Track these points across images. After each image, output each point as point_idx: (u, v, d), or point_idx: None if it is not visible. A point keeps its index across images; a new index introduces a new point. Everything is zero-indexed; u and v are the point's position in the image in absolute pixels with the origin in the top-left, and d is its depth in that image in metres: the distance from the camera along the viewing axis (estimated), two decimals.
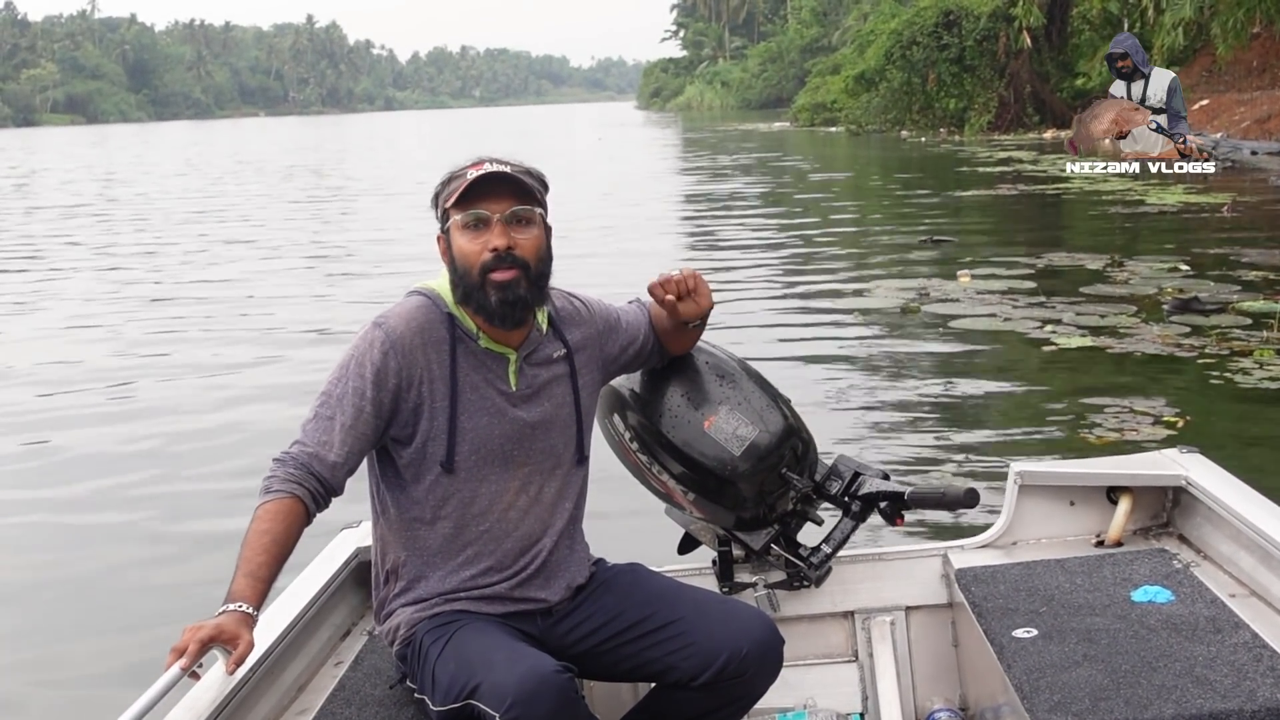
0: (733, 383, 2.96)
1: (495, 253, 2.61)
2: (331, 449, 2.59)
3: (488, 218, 2.62)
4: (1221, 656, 2.57)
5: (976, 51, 40.51)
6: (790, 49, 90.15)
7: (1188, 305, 10.73)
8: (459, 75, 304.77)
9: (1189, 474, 3.25)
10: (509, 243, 2.62)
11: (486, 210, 2.62)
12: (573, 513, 2.85)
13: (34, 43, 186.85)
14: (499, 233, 2.62)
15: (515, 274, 2.62)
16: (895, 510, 3.00)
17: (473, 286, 2.63)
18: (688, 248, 18.06)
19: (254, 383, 10.26)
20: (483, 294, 2.62)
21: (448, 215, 2.67)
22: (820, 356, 10.08)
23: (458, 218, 2.64)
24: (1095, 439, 7.11)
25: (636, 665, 2.75)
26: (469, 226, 2.63)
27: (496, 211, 2.63)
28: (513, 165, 2.68)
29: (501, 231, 2.62)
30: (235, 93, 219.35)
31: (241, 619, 2.42)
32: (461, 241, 2.64)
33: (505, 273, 2.61)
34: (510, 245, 2.62)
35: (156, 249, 20.54)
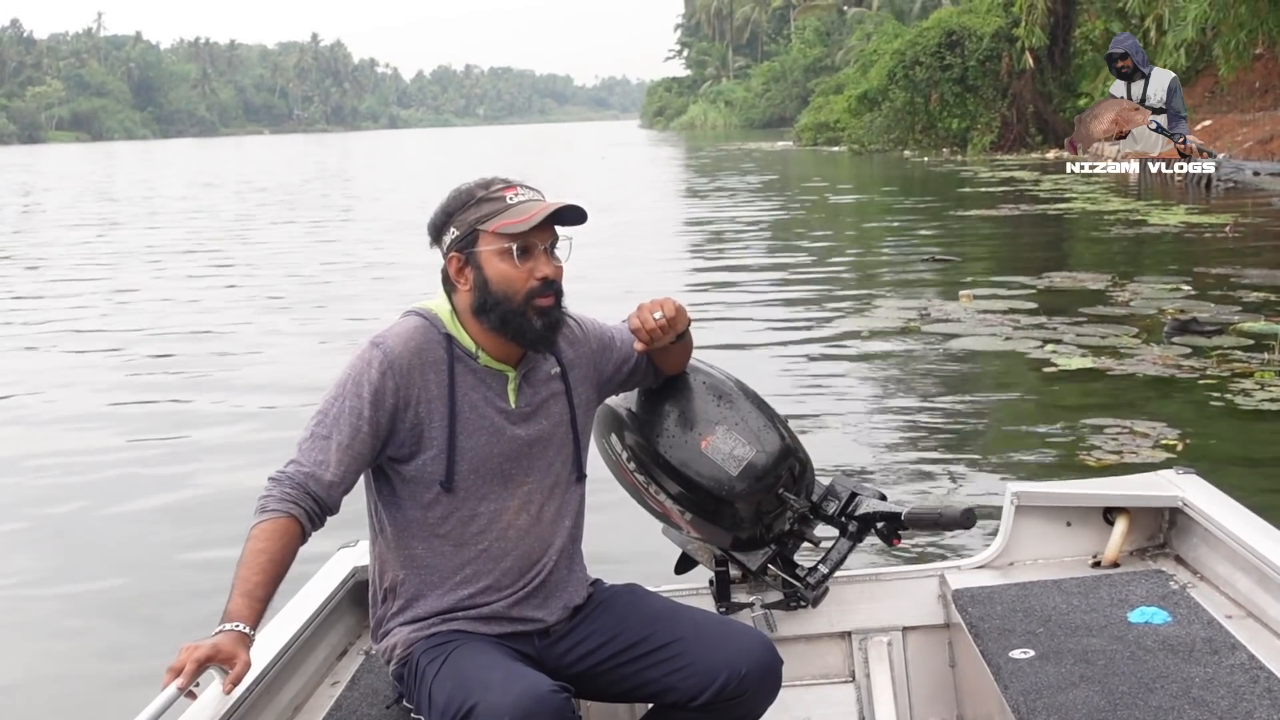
0: (729, 403, 2.96)
1: (544, 280, 2.66)
2: (328, 468, 2.60)
3: (535, 246, 2.66)
4: (1218, 678, 2.57)
5: (979, 72, 40.58)
6: (793, 69, 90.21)
7: (1186, 327, 10.68)
8: (463, 94, 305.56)
9: (1185, 495, 3.26)
10: (555, 273, 2.67)
11: (536, 239, 2.66)
12: (572, 532, 2.85)
13: (39, 60, 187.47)
14: (545, 261, 2.67)
15: (554, 300, 2.68)
16: (892, 531, 3.01)
17: (513, 312, 2.66)
18: (688, 269, 18.04)
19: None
20: (524, 319, 2.66)
21: (475, 236, 2.67)
22: (820, 376, 10.08)
23: (504, 245, 2.64)
24: (1094, 461, 7.09)
25: (634, 686, 2.76)
26: (514, 253, 2.65)
27: (542, 241, 2.67)
28: (561, 199, 2.70)
29: (547, 260, 2.68)
30: (240, 110, 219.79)
31: (238, 638, 2.43)
32: (504, 267, 2.65)
33: (549, 299, 2.67)
34: (556, 275, 2.68)
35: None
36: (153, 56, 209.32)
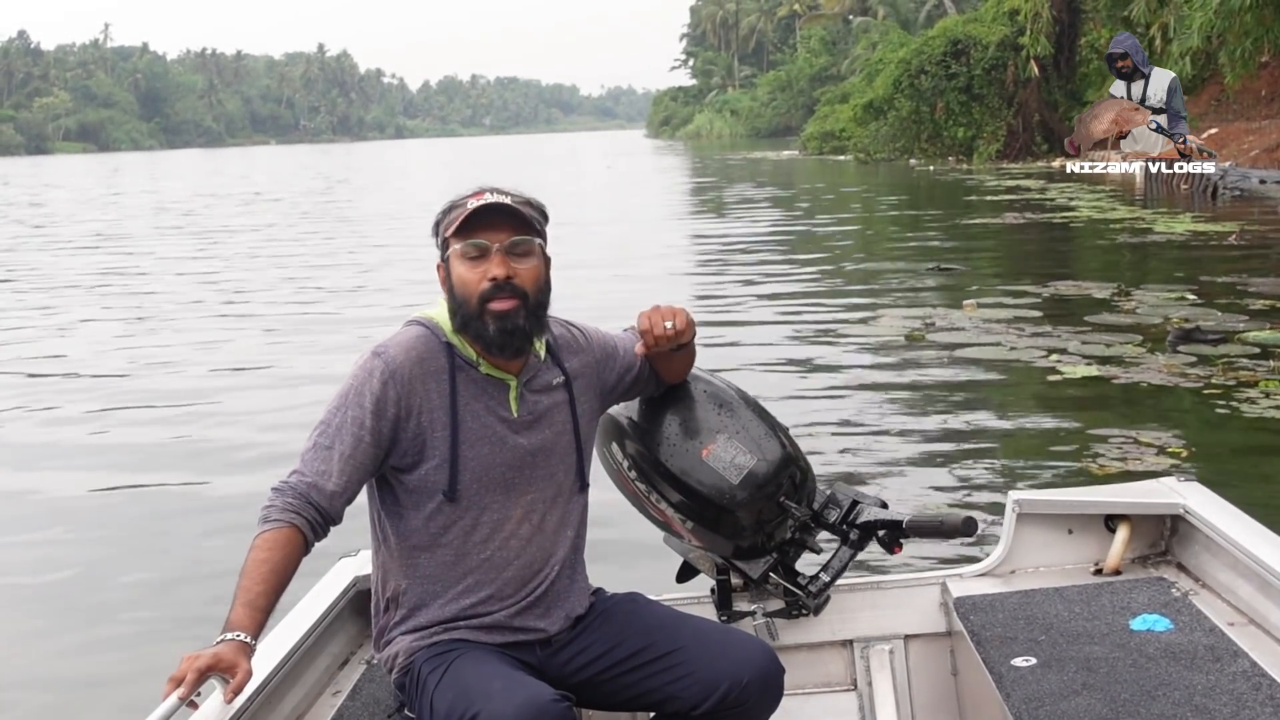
0: (730, 411, 2.96)
1: (494, 282, 2.63)
2: (330, 478, 2.60)
3: (487, 247, 2.65)
4: (1220, 685, 2.57)
5: (985, 80, 40.61)
6: (799, 78, 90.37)
7: (1190, 335, 10.66)
8: (469, 104, 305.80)
9: (1187, 502, 3.25)
10: (508, 272, 2.64)
11: (486, 240, 2.65)
12: (574, 541, 2.85)
13: (47, 71, 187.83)
14: (498, 262, 2.64)
15: (514, 304, 2.64)
16: (893, 539, 3.01)
17: (471, 315, 2.65)
18: (690, 277, 18.05)
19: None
20: (481, 323, 2.65)
21: (448, 244, 2.69)
22: (824, 384, 10.06)
23: (457, 247, 2.66)
24: (1098, 469, 7.09)
25: (636, 695, 2.75)
26: (468, 256, 2.65)
27: (496, 241, 2.65)
28: (512, 196, 2.70)
29: (500, 261, 2.65)
30: (246, 121, 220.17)
31: (239, 648, 2.42)
32: (461, 270, 2.66)
33: (504, 302, 2.63)
34: (509, 275, 2.65)
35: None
36: (159, 67, 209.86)
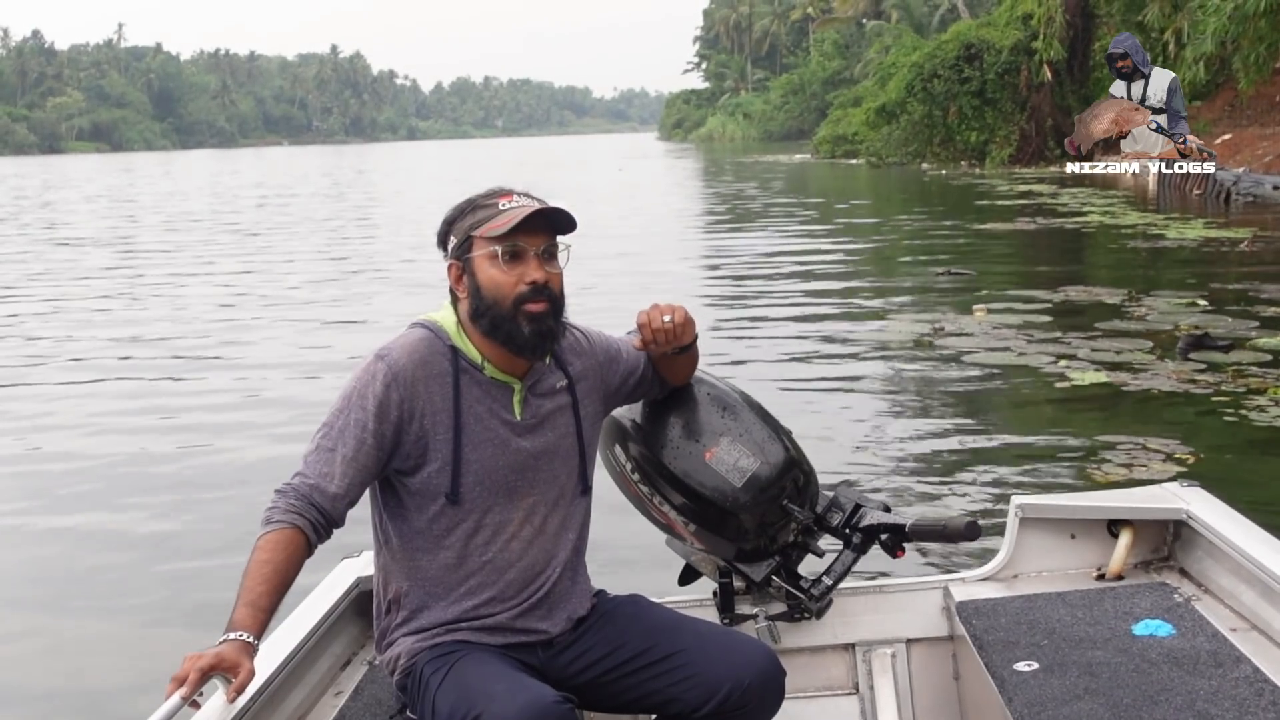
0: (734, 414, 2.97)
1: (533, 285, 2.65)
2: (332, 481, 2.61)
3: (525, 250, 2.66)
4: (1223, 691, 2.57)
5: (998, 85, 40.52)
6: (812, 81, 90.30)
7: (1200, 342, 10.61)
8: (482, 105, 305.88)
9: (1190, 507, 3.25)
10: (546, 278, 2.67)
11: (524, 243, 2.66)
12: (576, 544, 2.86)
13: (60, 71, 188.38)
14: (536, 266, 2.66)
15: (547, 307, 2.67)
16: (896, 542, 3.01)
17: (503, 317, 2.66)
18: (701, 280, 18.06)
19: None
20: (514, 324, 2.66)
21: (470, 243, 2.69)
22: (833, 388, 10.07)
23: (494, 248, 2.66)
24: (1103, 475, 7.08)
25: (638, 697, 2.76)
26: (504, 258, 2.66)
27: (533, 246, 2.67)
28: (551, 203, 2.72)
29: (538, 265, 2.67)
30: (259, 121, 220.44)
31: (242, 648, 2.43)
32: (493, 272, 2.66)
33: (539, 305, 2.66)
34: (546, 280, 2.67)
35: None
36: (173, 68, 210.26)
